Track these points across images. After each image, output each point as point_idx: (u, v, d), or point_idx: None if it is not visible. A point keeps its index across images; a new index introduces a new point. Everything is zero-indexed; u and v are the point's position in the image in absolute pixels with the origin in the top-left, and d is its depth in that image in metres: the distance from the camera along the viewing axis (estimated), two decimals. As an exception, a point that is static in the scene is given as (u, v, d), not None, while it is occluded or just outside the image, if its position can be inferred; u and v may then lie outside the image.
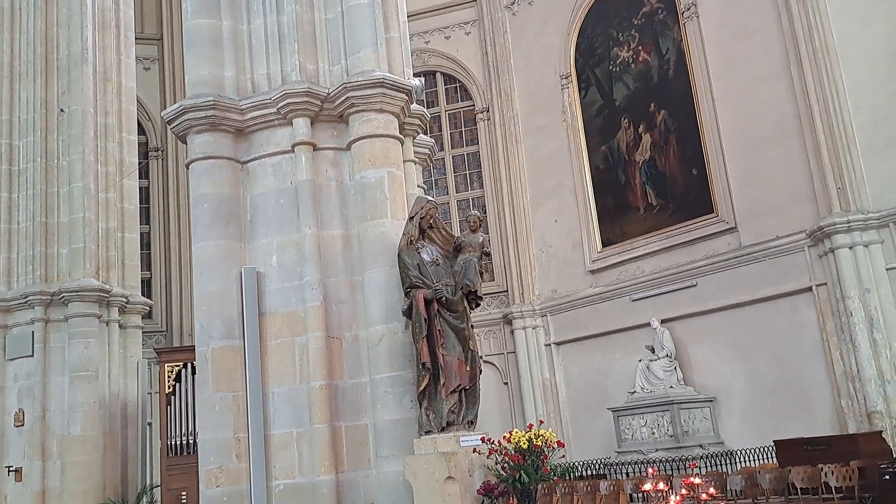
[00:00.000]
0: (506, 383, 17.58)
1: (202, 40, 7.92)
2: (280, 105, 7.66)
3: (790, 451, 10.47)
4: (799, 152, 13.33)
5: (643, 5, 16.16)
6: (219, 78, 7.88)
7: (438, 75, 19.54)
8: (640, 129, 16.10)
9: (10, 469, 11.91)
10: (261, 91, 7.89)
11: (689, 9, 15.11)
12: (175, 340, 17.71)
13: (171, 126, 7.89)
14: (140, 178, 14.35)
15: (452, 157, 19.34)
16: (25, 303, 12.17)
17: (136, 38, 14.59)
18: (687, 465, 11.76)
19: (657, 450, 13.42)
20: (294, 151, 7.74)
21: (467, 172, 19.34)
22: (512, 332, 17.64)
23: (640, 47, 16.23)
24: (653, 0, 15.99)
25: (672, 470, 12.07)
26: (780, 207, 13.53)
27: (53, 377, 12.07)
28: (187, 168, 7.91)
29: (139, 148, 14.54)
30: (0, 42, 13.04)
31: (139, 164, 14.10)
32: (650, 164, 15.92)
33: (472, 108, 19.31)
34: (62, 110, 12.69)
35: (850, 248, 12.40)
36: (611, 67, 16.81)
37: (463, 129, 19.50)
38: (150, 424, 14.01)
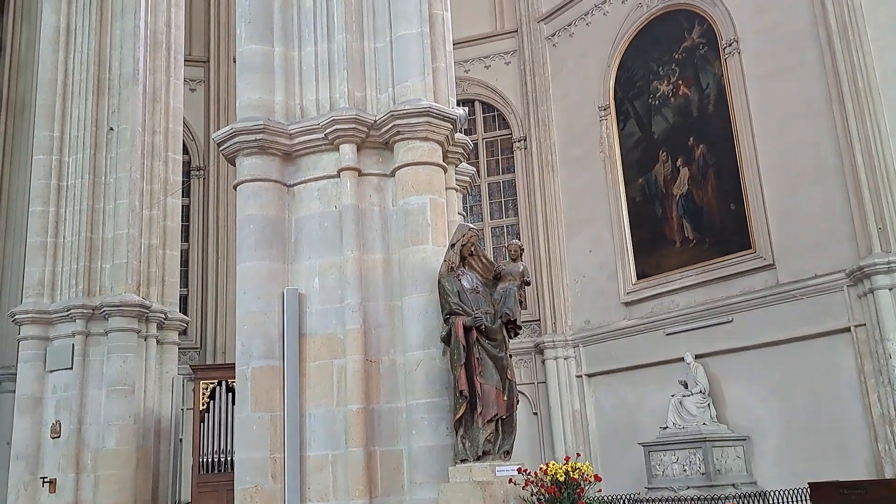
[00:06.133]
0: (535, 413, 17.49)
1: (254, 65, 8.09)
2: (328, 131, 7.78)
3: (825, 494, 10.30)
4: (839, 191, 13.23)
5: (684, 40, 16.22)
6: (269, 102, 8.03)
7: (477, 104, 19.74)
8: (679, 163, 16.09)
9: (45, 480, 12.02)
10: (309, 116, 8.01)
11: (730, 45, 15.15)
12: (209, 358, 17.91)
13: (221, 148, 8.03)
14: (182, 197, 14.61)
15: (488, 184, 19.46)
16: (67, 316, 12.35)
17: (184, 60, 14.93)
18: (720, 505, 11.60)
19: (688, 487, 13.25)
20: (339, 176, 7.83)
21: (502, 200, 19.44)
22: (543, 362, 17.59)
23: (680, 81, 16.27)
24: (694, 35, 16.05)
25: (704, 509, 11.91)
26: (819, 246, 13.40)
27: (91, 390, 12.19)
28: (235, 189, 8.03)
29: (182, 167, 14.81)
30: (55, 61, 13.39)
31: (182, 183, 14.36)
32: (687, 198, 15.88)
33: (510, 136, 19.46)
34: (111, 129, 12.98)
35: (890, 289, 12.25)
36: (650, 100, 16.85)
37: (500, 156, 19.65)
38: (181, 441, 14.11)
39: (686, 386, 14.57)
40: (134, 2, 13.46)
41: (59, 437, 12.17)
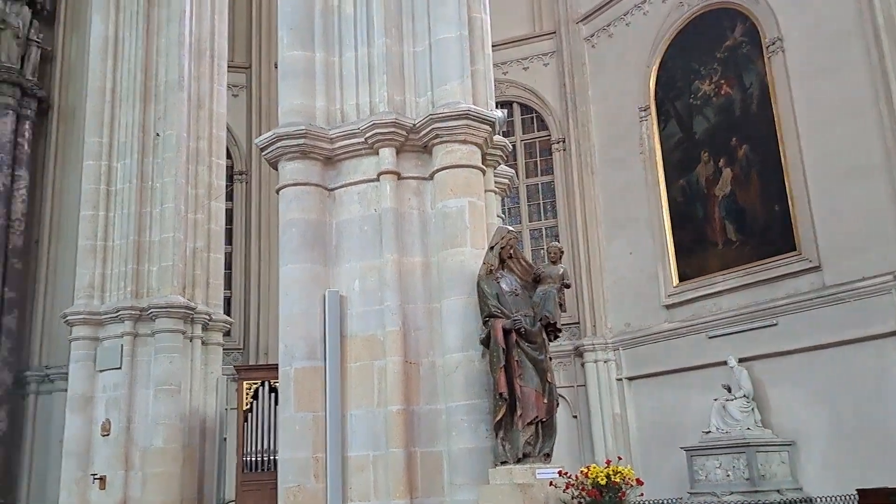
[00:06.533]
0: (575, 417, 17.41)
1: (296, 71, 8.22)
2: (368, 135, 7.87)
3: (874, 500, 10.11)
4: (886, 190, 12.96)
5: (726, 39, 16.01)
6: (310, 108, 8.15)
7: (515, 105, 19.72)
8: (721, 164, 15.89)
9: (95, 477, 12.36)
10: (349, 121, 8.11)
11: (773, 43, 14.91)
12: (252, 358, 18.18)
13: (264, 153, 8.18)
14: (225, 201, 14.87)
15: (527, 186, 19.43)
16: (116, 317, 12.69)
17: (227, 67, 15.20)
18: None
19: (732, 493, 13.08)
20: (379, 180, 7.91)
21: (541, 202, 19.38)
22: (583, 365, 17.49)
23: (722, 81, 16.06)
24: (736, 34, 15.83)
25: (748, 514, 11.75)
26: (867, 247, 13.12)
27: (139, 390, 12.51)
28: (277, 193, 8.17)
29: (225, 171, 15.06)
30: (104, 69, 13.78)
31: (225, 187, 14.62)
32: (730, 199, 15.67)
33: (548, 138, 19.39)
34: (157, 134, 13.30)
35: (942, 291, 11.96)
36: (691, 100, 16.67)
37: (538, 158, 19.59)
38: (225, 440, 14.36)
39: (729, 390, 14.37)
40: (179, 11, 13.78)
41: (108, 435, 12.49)
